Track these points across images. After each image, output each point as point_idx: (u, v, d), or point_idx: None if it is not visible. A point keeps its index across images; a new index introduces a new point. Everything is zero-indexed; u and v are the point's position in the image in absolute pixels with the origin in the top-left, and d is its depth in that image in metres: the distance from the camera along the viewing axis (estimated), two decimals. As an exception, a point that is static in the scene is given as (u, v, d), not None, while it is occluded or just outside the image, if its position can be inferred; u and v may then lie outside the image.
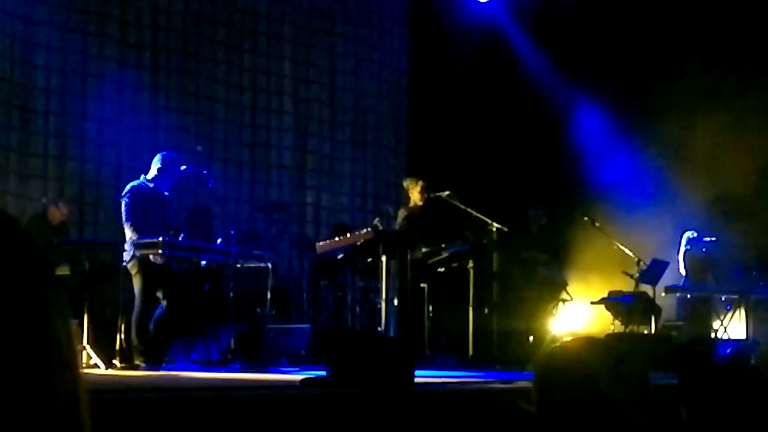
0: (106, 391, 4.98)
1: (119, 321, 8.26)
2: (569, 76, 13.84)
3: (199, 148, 8.74)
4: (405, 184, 10.71)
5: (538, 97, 14.07)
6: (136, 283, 8.15)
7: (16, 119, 10.84)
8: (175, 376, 7.62)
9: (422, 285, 9.92)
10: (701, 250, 12.14)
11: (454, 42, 13.81)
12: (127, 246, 8.20)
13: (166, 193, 8.54)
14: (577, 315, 12.17)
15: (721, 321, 11.86)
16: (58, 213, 9.92)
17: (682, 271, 12.19)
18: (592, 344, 2.01)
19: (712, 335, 11.55)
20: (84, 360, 7.82)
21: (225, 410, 4.69)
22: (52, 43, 11.13)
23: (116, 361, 8.00)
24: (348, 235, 9.61)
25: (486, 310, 9.92)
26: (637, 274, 11.09)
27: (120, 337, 8.21)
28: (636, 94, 13.56)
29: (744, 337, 11.74)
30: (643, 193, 13.22)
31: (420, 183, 10.41)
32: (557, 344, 2.04)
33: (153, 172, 8.45)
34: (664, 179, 13.14)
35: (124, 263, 8.23)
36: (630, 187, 13.29)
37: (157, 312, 8.14)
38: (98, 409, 0.85)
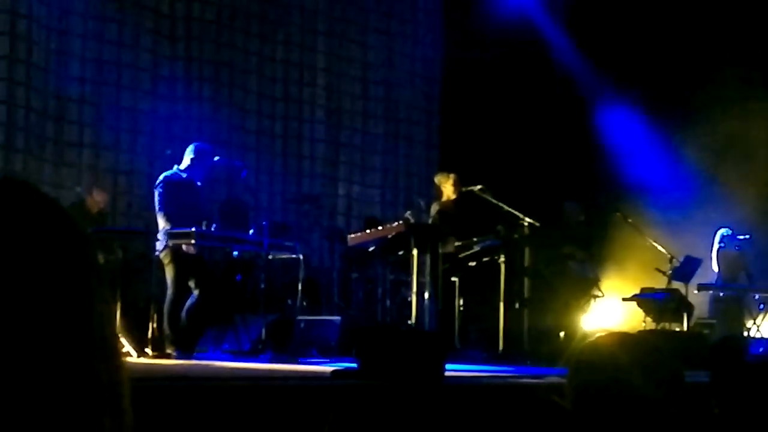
0: (137, 379, 5.02)
1: (151, 310, 8.30)
2: (604, 69, 13.74)
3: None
4: (437, 179, 10.70)
5: (572, 90, 13.98)
6: (169, 273, 8.20)
7: (51, 108, 10.92)
8: (207, 365, 7.66)
9: (453, 279, 9.91)
10: (734, 248, 12.05)
11: (487, 34, 13.74)
12: (160, 236, 8.24)
13: (199, 184, 8.58)
14: (609, 312, 12.10)
15: (754, 320, 11.77)
16: (95, 203, 9.98)
17: (715, 269, 12.10)
18: (626, 340, 2.00)
19: (745, 334, 11.46)
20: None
21: (255, 400, 4.71)
22: (88, 33, 11.21)
23: (148, 350, 8.04)
24: (379, 227, 9.63)
25: (517, 305, 9.89)
26: (670, 272, 11.02)
27: (152, 326, 8.26)
28: (676, 89, 13.42)
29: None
30: (678, 189, 13.13)
31: (452, 177, 10.40)
32: (591, 339, 2.03)
33: (186, 162, 8.49)
34: (700, 176, 13.04)
35: (157, 253, 8.27)
36: (664, 183, 13.20)
37: (189, 301, 8.18)
38: (130, 396, 0.86)
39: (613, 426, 1.82)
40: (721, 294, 11.88)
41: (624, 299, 11.73)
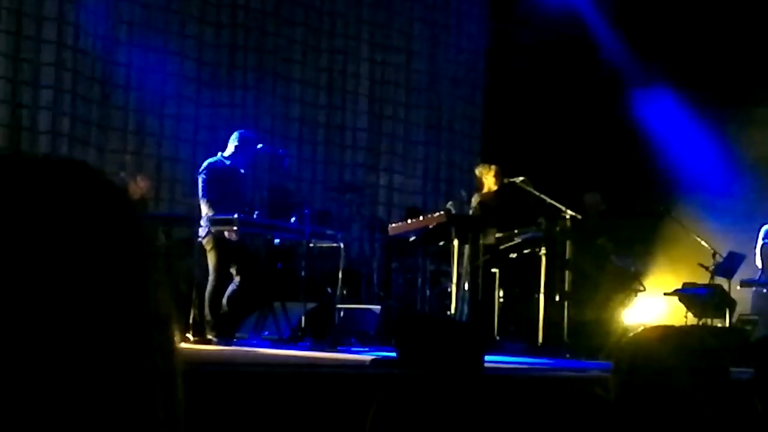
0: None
1: (193, 295, 8.37)
2: (649, 62, 13.61)
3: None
4: (478, 170, 10.65)
5: (617, 83, 13.86)
6: (211, 259, 8.25)
7: (97, 93, 11.02)
8: (246, 351, 7.71)
9: (493, 270, 9.88)
10: (780, 244, 11.88)
11: (532, 26, 13.67)
12: (202, 222, 8.30)
13: (242, 171, 8.63)
14: (650, 306, 12.01)
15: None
16: (137, 189, 10.06)
17: (759, 265, 11.95)
18: (670, 334, 1.99)
19: (788, 331, 11.34)
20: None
21: (294, 387, 4.74)
22: (135, 19, 11.29)
23: (189, 335, 8.11)
24: (420, 218, 9.62)
25: (557, 298, 9.85)
26: (713, 267, 10.91)
27: (194, 312, 8.33)
28: (724, 84, 13.25)
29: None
30: (723, 185, 13.00)
31: (494, 168, 10.36)
32: (635, 333, 2.02)
33: (230, 149, 8.53)
34: (746, 172, 12.90)
35: (200, 239, 8.33)
36: (709, 178, 13.08)
37: (231, 288, 8.23)
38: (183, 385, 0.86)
39: (656, 420, 1.82)
40: (765, 290, 11.74)
41: (666, 294, 11.64)
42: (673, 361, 1.84)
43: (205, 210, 8.30)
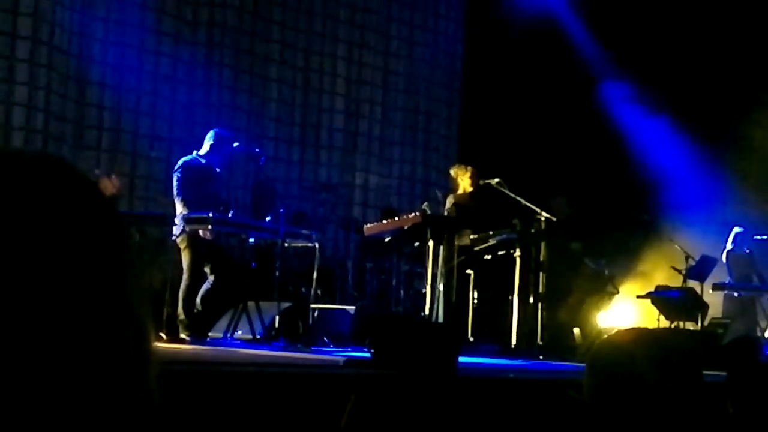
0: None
1: (166, 294, 8.33)
2: (622, 64, 13.66)
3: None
4: (452, 171, 10.65)
5: (592, 84, 13.91)
6: (185, 258, 8.22)
7: (72, 91, 10.95)
8: (220, 351, 7.68)
9: (468, 271, 9.90)
10: (744, 250, 11.97)
11: (509, 27, 13.71)
12: (177, 220, 8.27)
13: (218, 170, 8.60)
14: (623, 309, 12.07)
15: (768, 320, 11.75)
16: (110, 185, 10.00)
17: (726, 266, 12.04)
18: (643, 336, 2.00)
19: (759, 334, 11.43)
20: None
21: (268, 387, 4.72)
22: (111, 16, 11.23)
23: (162, 334, 8.07)
24: (395, 218, 9.63)
25: (531, 300, 9.88)
26: (686, 270, 10.99)
27: (167, 310, 8.29)
28: (700, 91, 13.33)
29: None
30: (697, 188, 13.08)
31: (469, 169, 10.37)
32: (609, 335, 2.03)
33: (205, 148, 8.50)
34: (720, 175, 12.99)
35: (174, 237, 8.30)
36: (683, 182, 13.16)
37: (205, 287, 8.21)
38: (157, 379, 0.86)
39: (629, 422, 1.83)
40: (736, 294, 11.84)
41: (638, 296, 11.71)
42: (646, 363, 1.85)
43: (179, 209, 8.27)
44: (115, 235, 0.78)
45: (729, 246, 11.98)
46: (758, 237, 11.96)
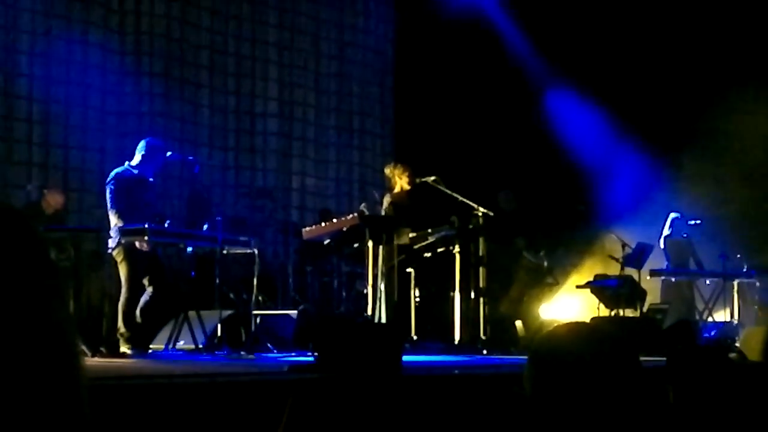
0: (93, 378, 4.96)
1: (105, 308, 8.23)
2: (553, 57, 13.79)
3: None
4: (387, 171, 10.65)
5: (527, 80, 14.01)
6: (122, 270, 8.12)
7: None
8: (162, 363, 7.61)
9: (409, 270, 9.92)
10: (682, 235, 12.13)
11: (439, 26, 13.76)
12: (112, 233, 8.16)
13: (151, 179, 8.51)
14: (564, 300, 12.20)
15: (706, 304, 11.93)
16: (50, 204, 9.85)
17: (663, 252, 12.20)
18: (580, 329, 2.01)
19: (697, 318, 11.61)
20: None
21: (212, 396, 4.68)
22: (36, 29, 11.07)
23: (103, 349, 7.97)
24: (334, 220, 9.62)
25: (472, 295, 9.93)
26: (623, 258, 11.12)
27: (106, 325, 8.19)
28: (630, 84, 13.48)
29: (728, 319, 11.82)
30: (632, 176, 13.25)
31: (405, 168, 10.40)
32: (549, 329, 2.05)
33: (137, 158, 8.40)
34: (653, 164, 13.16)
35: (110, 250, 8.19)
36: (617, 173, 13.33)
37: (144, 299, 8.12)
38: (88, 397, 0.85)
39: (572, 414, 1.84)
40: (673, 279, 12.00)
41: (578, 287, 11.84)
42: (584, 353, 1.87)
43: (114, 221, 8.16)
44: (33, 256, 0.76)
45: (666, 231, 12.13)
46: (692, 222, 12.11)
